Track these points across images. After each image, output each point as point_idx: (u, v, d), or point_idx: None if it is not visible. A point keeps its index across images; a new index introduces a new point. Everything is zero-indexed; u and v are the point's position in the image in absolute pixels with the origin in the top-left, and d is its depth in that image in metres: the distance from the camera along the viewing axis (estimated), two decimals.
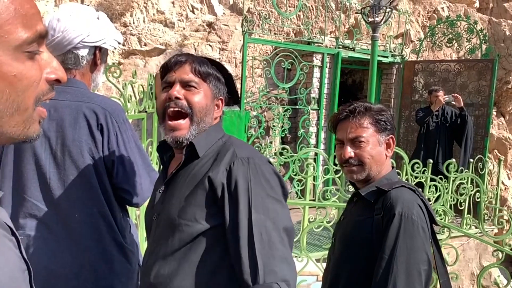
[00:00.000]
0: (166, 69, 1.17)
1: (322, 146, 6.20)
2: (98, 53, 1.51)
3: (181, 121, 1.13)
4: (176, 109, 1.12)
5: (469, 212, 5.10)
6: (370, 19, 3.99)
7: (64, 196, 1.39)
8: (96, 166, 1.41)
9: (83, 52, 1.46)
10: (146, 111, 3.14)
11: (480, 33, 6.18)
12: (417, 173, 4.37)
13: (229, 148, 1.13)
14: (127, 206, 1.58)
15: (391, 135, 1.50)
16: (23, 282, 0.61)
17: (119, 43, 1.54)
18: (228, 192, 1.05)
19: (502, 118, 8.57)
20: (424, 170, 4.45)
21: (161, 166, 1.36)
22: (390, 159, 1.54)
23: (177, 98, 1.12)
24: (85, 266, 1.40)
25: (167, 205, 1.14)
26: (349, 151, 1.46)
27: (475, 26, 6.27)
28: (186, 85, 1.13)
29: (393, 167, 1.56)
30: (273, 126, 5.79)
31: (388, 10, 3.87)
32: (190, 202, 1.08)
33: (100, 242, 1.43)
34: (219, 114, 1.23)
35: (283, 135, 5.88)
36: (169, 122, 1.13)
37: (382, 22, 3.91)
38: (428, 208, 1.39)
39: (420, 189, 1.49)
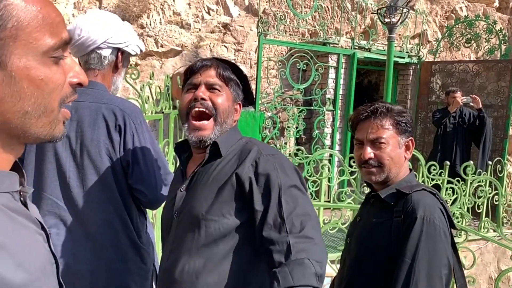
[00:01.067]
0: (191, 71, 1.23)
1: (337, 147, 6.18)
2: (120, 56, 1.56)
3: (205, 122, 1.18)
4: (202, 109, 1.18)
5: (487, 215, 5.02)
6: (386, 20, 3.96)
7: (82, 195, 1.43)
8: (113, 166, 1.44)
9: (106, 53, 1.51)
10: (163, 112, 3.18)
11: (500, 33, 6.07)
12: (433, 175, 4.32)
13: (253, 147, 1.19)
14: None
15: (410, 137, 1.50)
16: (52, 275, 0.64)
17: (141, 50, 1.61)
18: (257, 184, 1.10)
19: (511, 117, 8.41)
20: (441, 172, 4.40)
21: (178, 166, 1.39)
22: (408, 161, 1.54)
23: (203, 99, 1.18)
24: (100, 264, 1.43)
25: (190, 203, 1.18)
26: (369, 152, 1.45)
27: (494, 26, 6.16)
28: (210, 87, 1.20)
29: (410, 170, 1.55)
30: (288, 127, 5.79)
31: (405, 10, 3.83)
32: (217, 199, 1.13)
33: (115, 241, 1.46)
34: (237, 117, 1.29)
35: (297, 136, 5.88)
36: (194, 122, 1.19)
37: (399, 23, 3.87)
38: (447, 212, 1.39)
39: (439, 193, 1.48)
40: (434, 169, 4.28)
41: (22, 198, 0.64)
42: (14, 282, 0.52)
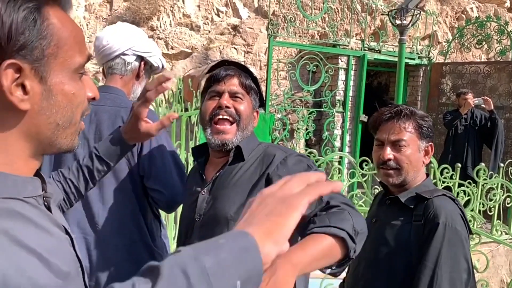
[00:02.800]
0: (215, 79, 1.27)
1: (347, 149, 6.17)
2: (143, 65, 1.62)
3: (228, 126, 1.24)
4: (226, 116, 1.24)
5: (498, 218, 4.98)
6: (397, 22, 3.95)
7: (99, 196, 1.46)
8: (130, 167, 1.47)
9: (130, 59, 1.57)
10: None
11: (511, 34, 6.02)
12: (444, 177, 4.30)
13: (276, 150, 1.25)
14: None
15: (430, 143, 1.50)
16: (78, 277, 0.67)
17: (163, 66, 1.67)
18: None
19: None
20: (452, 175, 4.37)
21: (194, 169, 1.42)
22: (425, 166, 1.54)
23: (227, 106, 1.23)
24: (112, 265, 1.45)
25: (216, 205, 1.21)
26: (389, 153, 1.46)
27: (506, 27, 6.11)
28: (233, 95, 1.25)
29: (427, 175, 1.56)
30: (298, 128, 5.79)
31: (416, 12, 3.82)
32: (247, 200, 1.15)
33: (129, 243, 1.47)
34: (255, 124, 1.34)
35: (307, 138, 5.88)
36: (218, 126, 1.24)
37: (410, 25, 3.86)
38: (465, 217, 1.41)
39: (458, 198, 1.50)
40: (447, 172, 4.25)
41: (46, 203, 0.67)
42: (43, 284, 0.54)
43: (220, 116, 1.23)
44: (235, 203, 1.19)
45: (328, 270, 0.93)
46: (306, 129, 5.76)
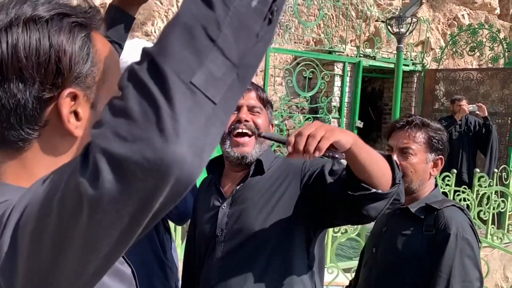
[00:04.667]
0: None
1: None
2: None
3: (246, 138, 1.25)
4: (245, 130, 1.24)
5: (492, 223, 5.03)
6: (395, 30, 4.00)
7: None
8: None
9: None
10: None
11: (504, 42, 6.13)
12: (440, 184, 4.34)
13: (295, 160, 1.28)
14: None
15: (441, 156, 1.53)
16: (132, 281, 0.69)
17: None
18: (314, 174, 1.20)
19: None
20: (448, 181, 4.42)
21: (207, 183, 1.41)
22: (434, 177, 1.57)
23: (246, 120, 1.24)
24: None
25: (241, 219, 1.22)
26: (395, 159, 1.50)
27: (498, 34, 6.22)
28: (251, 109, 1.27)
29: (436, 185, 1.59)
30: None
31: (414, 20, 3.88)
32: (275, 211, 1.20)
33: (140, 255, 1.46)
34: None
35: None
36: (237, 138, 1.24)
37: (407, 33, 3.92)
38: (474, 227, 1.45)
39: (466, 209, 1.54)
40: (448, 180, 4.30)
41: None
42: None
43: (240, 130, 1.24)
44: (261, 216, 1.20)
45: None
46: None
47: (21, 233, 0.45)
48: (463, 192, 4.42)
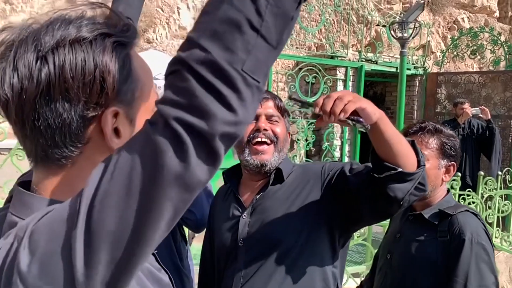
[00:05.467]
0: None
1: (346, 159, 6.21)
2: None
3: (265, 146, 1.26)
4: (264, 139, 1.25)
5: (497, 225, 5.04)
6: (398, 35, 4.02)
7: None
8: None
9: (161, 83, 1.58)
10: None
11: (505, 45, 6.16)
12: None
13: (312, 167, 1.32)
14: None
15: (453, 162, 1.54)
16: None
17: None
18: (335, 175, 1.22)
19: None
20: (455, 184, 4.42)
21: (224, 192, 1.42)
22: (446, 183, 1.58)
23: (265, 129, 1.25)
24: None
25: (263, 228, 1.23)
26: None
27: (499, 37, 6.25)
28: (269, 118, 1.27)
29: (448, 191, 1.60)
30: (298, 139, 5.82)
31: (416, 25, 3.90)
32: (297, 218, 1.21)
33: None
34: (288, 146, 1.35)
35: (307, 149, 5.90)
36: (256, 146, 1.25)
37: (411, 38, 3.94)
38: (488, 232, 1.45)
39: (479, 213, 1.55)
40: (456, 184, 4.31)
41: None
42: None
43: (259, 139, 1.25)
44: (283, 224, 1.20)
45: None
46: (306, 140, 5.78)
47: (99, 213, 0.46)
48: (468, 196, 4.42)
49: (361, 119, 0.96)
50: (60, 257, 0.46)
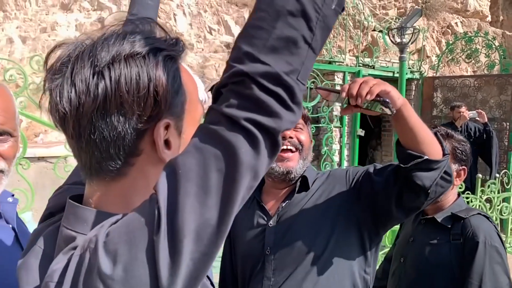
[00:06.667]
0: None
1: (345, 163, 6.25)
2: None
3: (290, 153, 1.27)
4: (289, 147, 1.26)
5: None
6: (397, 40, 4.07)
7: None
8: None
9: None
10: None
11: (499, 49, 6.25)
12: None
13: (337, 171, 1.35)
14: None
15: (464, 166, 1.57)
16: None
17: (205, 101, 1.72)
18: (360, 176, 1.25)
19: None
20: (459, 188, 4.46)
21: (250, 201, 1.42)
22: (457, 187, 1.61)
23: (291, 137, 1.26)
24: None
25: (292, 236, 1.23)
26: None
27: (493, 42, 6.34)
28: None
29: (459, 195, 1.63)
30: None
31: (415, 30, 3.96)
32: (329, 226, 1.22)
33: None
34: (312, 154, 1.37)
35: None
36: (281, 153, 1.26)
37: (410, 43, 3.99)
38: (500, 234, 1.48)
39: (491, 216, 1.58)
40: (460, 188, 4.35)
41: None
42: None
43: (284, 146, 1.25)
44: (311, 231, 1.21)
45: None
46: None
47: (179, 216, 0.48)
48: (467, 198, 4.46)
49: (387, 100, 0.99)
50: (143, 263, 0.47)
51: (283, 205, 1.28)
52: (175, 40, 0.62)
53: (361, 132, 6.13)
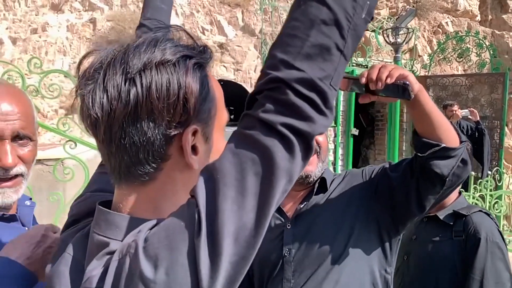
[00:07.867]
0: None
1: (340, 163, 6.29)
2: None
3: None
4: None
5: None
6: (392, 40, 4.11)
7: None
8: None
9: None
10: None
11: (490, 48, 6.34)
12: None
13: (353, 171, 1.35)
14: None
15: None
16: None
17: None
18: (377, 173, 1.26)
19: (505, 128, 8.73)
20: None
21: None
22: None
23: None
24: None
25: (312, 237, 1.23)
26: None
27: (484, 41, 6.43)
28: None
29: (460, 193, 1.67)
30: None
31: (410, 30, 4.00)
32: (346, 225, 1.23)
33: None
34: (328, 156, 1.36)
35: None
36: None
37: (404, 43, 4.03)
38: (500, 231, 1.52)
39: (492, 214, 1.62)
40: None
41: None
42: None
43: None
44: (330, 232, 1.21)
45: None
46: None
47: (219, 219, 0.49)
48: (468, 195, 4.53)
49: (408, 83, 1.00)
50: (184, 266, 0.48)
51: (301, 206, 1.28)
52: (203, 48, 0.63)
53: (355, 131, 6.18)
